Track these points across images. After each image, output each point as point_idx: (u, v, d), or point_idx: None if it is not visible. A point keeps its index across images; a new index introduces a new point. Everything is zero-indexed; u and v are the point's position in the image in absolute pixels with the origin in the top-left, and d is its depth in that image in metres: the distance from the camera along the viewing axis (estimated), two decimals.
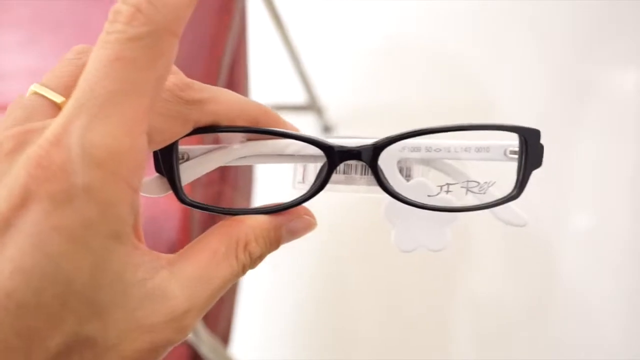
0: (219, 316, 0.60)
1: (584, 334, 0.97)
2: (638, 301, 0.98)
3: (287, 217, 0.25)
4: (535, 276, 1.03)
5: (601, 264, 1.01)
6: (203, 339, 0.53)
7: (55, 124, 0.19)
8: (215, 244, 0.23)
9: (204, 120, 0.23)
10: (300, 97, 1.11)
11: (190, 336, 0.53)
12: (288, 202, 0.25)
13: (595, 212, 1.06)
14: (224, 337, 0.63)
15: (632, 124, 1.10)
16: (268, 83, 1.14)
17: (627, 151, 1.08)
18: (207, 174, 0.60)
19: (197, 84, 0.23)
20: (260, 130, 0.25)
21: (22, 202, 0.18)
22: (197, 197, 0.54)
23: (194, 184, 0.54)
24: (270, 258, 0.26)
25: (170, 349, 0.22)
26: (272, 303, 1.04)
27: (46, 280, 0.18)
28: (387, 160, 0.26)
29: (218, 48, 0.62)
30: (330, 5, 1.27)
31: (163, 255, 0.22)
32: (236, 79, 0.68)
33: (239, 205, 0.64)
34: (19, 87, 0.60)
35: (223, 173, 0.58)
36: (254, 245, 0.24)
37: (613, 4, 1.21)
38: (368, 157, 0.25)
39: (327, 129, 1.16)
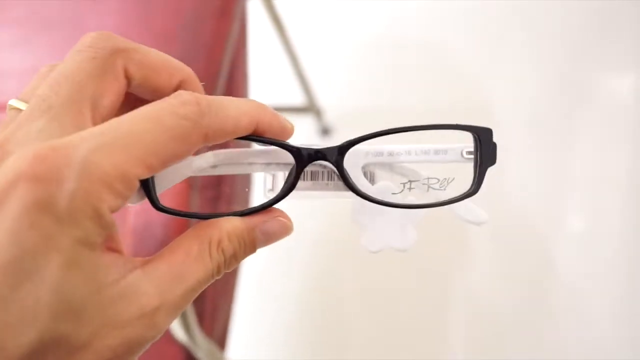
0: (215, 320, 0.60)
1: (582, 334, 0.97)
2: (637, 301, 0.98)
3: (261, 219, 0.26)
4: (533, 277, 1.03)
5: (599, 265, 1.02)
6: (199, 344, 0.53)
7: (72, 137, 0.20)
8: (189, 245, 0.24)
9: (133, 69, 0.24)
10: (299, 99, 1.11)
11: (186, 340, 0.52)
12: (259, 205, 0.26)
13: (592, 213, 1.06)
14: (221, 341, 0.63)
15: (629, 127, 1.10)
16: (267, 85, 1.14)
17: (626, 152, 1.08)
18: (205, 181, 0.59)
19: (117, 36, 0.25)
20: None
21: (5, 197, 0.19)
22: (194, 204, 0.54)
23: (190, 190, 0.54)
24: (265, 260, 0.26)
25: (145, 346, 0.22)
26: (265, 304, 1.04)
27: (22, 275, 0.19)
28: (352, 165, 0.27)
29: (218, 50, 0.62)
30: (330, 7, 1.27)
31: (138, 258, 0.23)
32: (236, 81, 0.67)
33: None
34: (13, 87, 0.60)
35: (219, 181, 0.58)
36: (227, 244, 0.24)
37: (611, 8, 1.21)
38: (333, 157, 0.26)
39: (325, 130, 1.16)
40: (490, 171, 0.28)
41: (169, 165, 0.22)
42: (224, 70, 0.63)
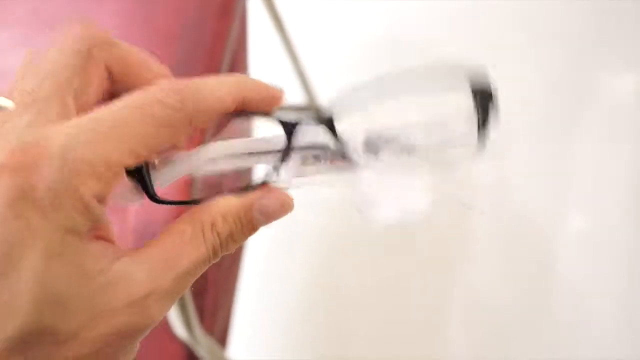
0: (216, 317, 0.60)
1: (582, 334, 0.97)
2: (637, 301, 0.98)
3: (257, 195, 0.25)
4: (533, 276, 1.03)
5: (599, 264, 1.01)
6: (200, 340, 0.53)
7: (53, 127, 0.20)
8: (182, 228, 0.23)
9: (112, 63, 0.24)
10: (300, 98, 1.11)
11: (187, 337, 0.53)
12: (257, 181, 0.25)
13: (593, 212, 1.06)
14: (222, 338, 0.63)
15: (629, 127, 1.10)
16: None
17: (626, 152, 1.08)
18: (206, 177, 0.59)
19: (98, 28, 0.25)
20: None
21: None
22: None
23: (191, 188, 0.54)
24: (266, 256, 0.25)
25: (138, 335, 0.22)
26: (267, 300, 1.04)
27: (5, 266, 0.19)
28: (351, 140, 0.26)
29: (218, 49, 0.62)
30: (330, 7, 1.27)
31: (130, 248, 0.22)
32: None
33: None
34: None
35: (221, 177, 0.58)
36: (222, 224, 0.23)
37: (611, 8, 1.21)
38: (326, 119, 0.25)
39: None
40: (491, 171, 0.27)
41: (157, 151, 0.22)
42: (225, 70, 0.63)
